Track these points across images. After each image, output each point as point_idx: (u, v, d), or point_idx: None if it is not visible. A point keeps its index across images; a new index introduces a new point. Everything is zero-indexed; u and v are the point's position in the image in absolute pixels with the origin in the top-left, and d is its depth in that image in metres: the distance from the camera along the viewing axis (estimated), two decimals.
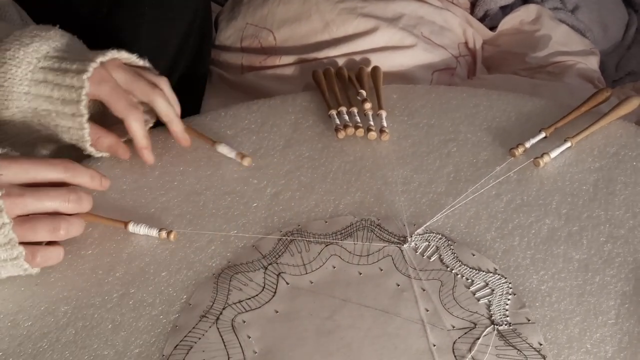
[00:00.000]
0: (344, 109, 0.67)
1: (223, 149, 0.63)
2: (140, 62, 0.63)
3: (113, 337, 0.48)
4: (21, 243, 0.49)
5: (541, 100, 0.68)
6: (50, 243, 0.52)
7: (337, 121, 0.66)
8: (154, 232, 0.55)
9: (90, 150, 0.61)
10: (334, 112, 0.67)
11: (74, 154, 0.62)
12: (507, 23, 0.91)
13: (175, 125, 0.63)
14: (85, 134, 0.58)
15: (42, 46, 0.58)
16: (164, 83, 0.63)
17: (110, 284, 0.52)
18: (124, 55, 0.61)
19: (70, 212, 0.52)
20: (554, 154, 0.59)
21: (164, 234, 0.55)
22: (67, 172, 0.53)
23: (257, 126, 0.67)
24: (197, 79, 0.87)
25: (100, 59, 0.58)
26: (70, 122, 0.58)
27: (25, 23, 0.73)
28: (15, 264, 0.49)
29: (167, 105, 0.62)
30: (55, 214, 0.52)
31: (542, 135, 0.62)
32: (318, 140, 0.65)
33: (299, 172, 0.62)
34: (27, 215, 0.50)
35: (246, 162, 0.60)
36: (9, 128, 0.59)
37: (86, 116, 0.58)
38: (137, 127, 0.60)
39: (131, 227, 0.55)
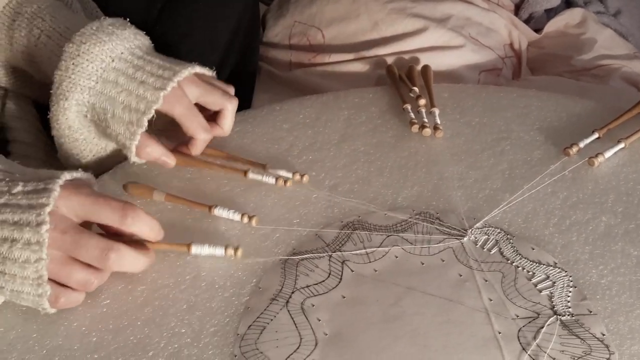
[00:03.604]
0: (408, 106, 0.69)
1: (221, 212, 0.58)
2: (210, 74, 0.64)
3: (189, 317, 0.50)
4: (50, 280, 0.48)
5: (590, 102, 0.69)
6: None
7: (412, 115, 0.68)
8: (219, 252, 0.54)
9: (131, 157, 0.60)
10: (408, 106, 0.68)
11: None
12: (552, 26, 0.93)
13: (225, 134, 0.65)
14: (133, 145, 0.58)
15: (118, 46, 0.58)
16: (234, 99, 0.64)
17: (182, 267, 0.54)
18: (197, 70, 0.61)
19: (105, 270, 0.50)
20: (608, 154, 0.61)
21: (230, 251, 0.53)
22: (126, 218, 0.50)
23: (312, 121, 0.69)
24: (247, 74, 0.89)
25: (178, 78, 0.58)
26: (122, 128, 0.58)
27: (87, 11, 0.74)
28: (36, 301, 0.48)
29: (232, 118, 0.64)
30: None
31: (595, 135, 0.63)
32: (372, 136, 0.67)
33: (355, 166, 0.64)
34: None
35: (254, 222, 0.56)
36: (59, 118, 0.59)
37: (144, 128, 0.58)
38: (202, 145, 0.62)
39: (194, 249, 0.53)
